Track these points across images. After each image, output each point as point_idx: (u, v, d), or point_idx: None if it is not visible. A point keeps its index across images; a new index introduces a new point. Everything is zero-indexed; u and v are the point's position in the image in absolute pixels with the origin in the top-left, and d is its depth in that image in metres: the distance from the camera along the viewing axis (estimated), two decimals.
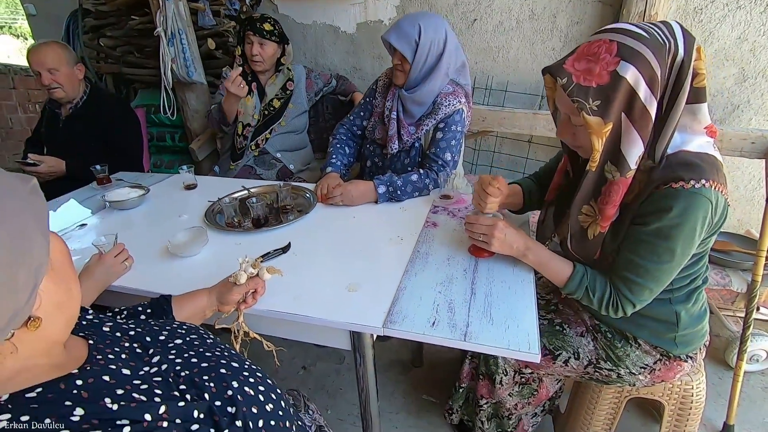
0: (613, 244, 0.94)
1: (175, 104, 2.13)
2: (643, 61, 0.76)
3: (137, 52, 2.35)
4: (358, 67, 2.30)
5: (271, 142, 1.91)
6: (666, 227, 0.83)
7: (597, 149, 0.83)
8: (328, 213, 1.40)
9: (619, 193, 0.87)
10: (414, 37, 1.41)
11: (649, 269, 0.88)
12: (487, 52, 2.04)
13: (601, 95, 0.79)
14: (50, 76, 1.80)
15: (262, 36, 1.78)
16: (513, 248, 1.01)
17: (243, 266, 0.89)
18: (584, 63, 0.80)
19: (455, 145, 1.51)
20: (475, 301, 0.94)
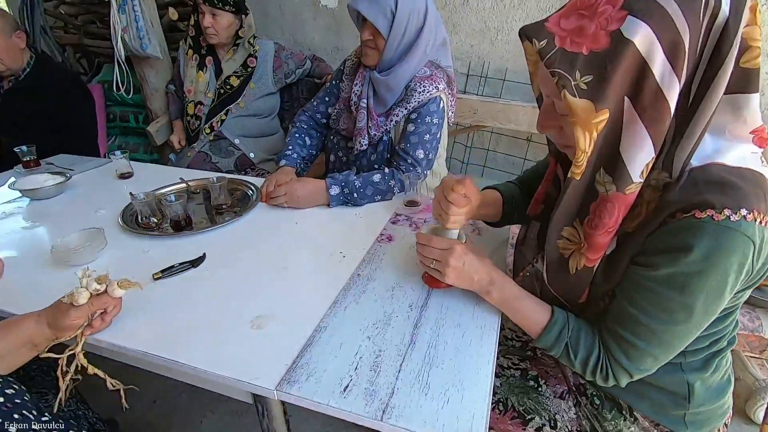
0: (605, 285, 0.68)
1: (130, 81, 1.90)
2: (662, 18, 0.49)
3: (99, 22, 2.12)
4: (341, 46, 2.05)
5: (227, 126, 1.68)
6: (682, 275, 0.57)
7: (583, 148, 0.57)
8: (268, 216, 1.16)
9: (615, 216, 0.60)
10: (390, 7, 1.15)
11: (654, 330, 0.62)
12: (483, 34, 1.76)
13: (595, 67, 0.52)
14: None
15: (213, 5, 1.53)
16: (474, 281, 0.75)
17: (84, 281, 0.67)
18: (574, 19, 0.54)
19: (430, 140, 1.25)
20: (412, 354, 0.69)
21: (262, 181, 1.28)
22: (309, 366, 0.67)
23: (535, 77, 0.68)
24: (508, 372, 0.91)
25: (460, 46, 1.81)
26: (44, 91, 1.71)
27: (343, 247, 0.99)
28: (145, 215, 1.09)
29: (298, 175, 1.36)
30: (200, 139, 1.69)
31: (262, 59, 1.69)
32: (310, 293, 0.83)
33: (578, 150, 0.57)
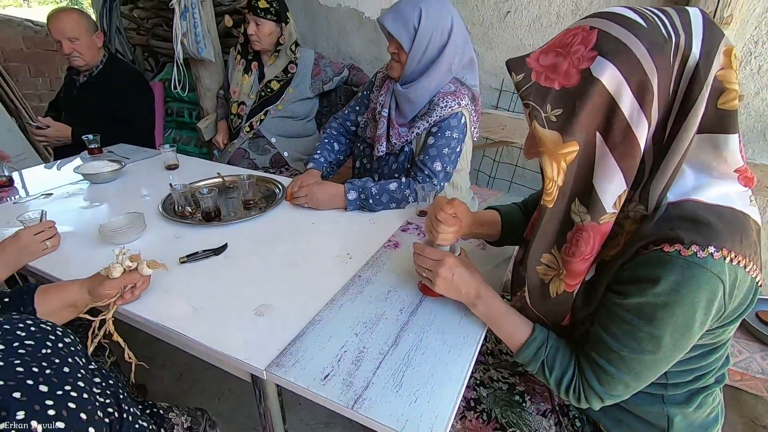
0: (585, 310, 0.70)
1: (187, 80, 2.09)
2: (629, 59, 0.53)
3: (166, 25, 2.34)
4: (380, 57, 2.12)
5: (266, 125, 1.81)
6: (649, 305, 0.59)
7: (550, 177, 0.60)
8: (289, 214, 1.25)
9: (591, 245, 0.63)
10: (413, 23, 1.21)
11: (624, 357, 0.63)
12: (519, 51, 1.77)
13: (564, 102, 0.56)
14: (71, 44, 1.79)
15: (256, 14, 1.68)
16: (461, 293, 0.79)
17: (119, 258, 0.78)
18: (551, 56, 0.58)
19: (448, 153, 1.29)
20: (392, 354, 0.75)
21: (290, 181, 1.38)
22: (297, 353, 0.74)
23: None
24: (496, 384, 0.94)
25: (494, 62, 1.83)
26: (113, 86, 1.92)
27: (351, 249, 1.06)
28: (180, 205, 1.22)
29: (324, 178, 1.44)
30: (240, 136, 1.83)
31: (301, 66, 1.81)
32: (313, 289, 0.91)
33: (546, 178, 0.60)
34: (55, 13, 1.77)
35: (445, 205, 0.83)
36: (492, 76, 1.87)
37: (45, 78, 3.91)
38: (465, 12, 1.82)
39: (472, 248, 1.10)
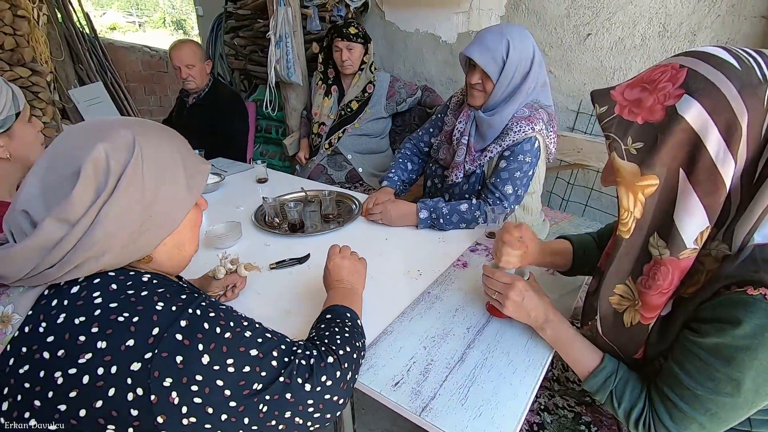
0: (660, 345, 0.70)
1: (277, 101, 2.31)
2: (717, 98, 0.54)
3: (261, 51, 2.61)
4: (455, 78, 2.19)
5: (343, 142, 1.95)
6: (728, 347, 0.58)
7: (626, 207, 0.62)
8: (364, 229, 1.35)
9: (669, 279, 0.63)
10: (501, 54, 1.25)
11: (699, 396, 0.62)
12: (599, 73, 1.73)
13: (646, 136, 0.58)
14: (188, 70, 2.09)
15: (349, 40, 1.84)
16: (530, 317, 0.82)
17: (222, 262, 0.91)
18: (637, 91, 0.60)
19: (520, 177, 1.31)
20: (459, 369, 0.80)
21: (366, 198, 1.48)
22: (371, 360, 0.81)
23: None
24: (561, 412, 0.94)
25: (572, 84, 1.81)
26: (216, 107, 2.18)
27: (421, 266, 1.12)
28: (270, 216, 1.37)
29: (397, 196, 1.53)
30: (320, 153, 1.99)
31: (378, 88, 1.95)
32: (385, 301, 0.98)
33: (621, 208, 0.62)
34: (177, 43, 2.07)
35: (513, 228, 0.86)
36: (569, 98, 1.84)
37: (156, 96, 4.48)
38: (543, 34, 1.83)
39: (542, 273, 1.11)
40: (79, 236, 0.49)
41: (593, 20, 1.69)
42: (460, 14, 2.02)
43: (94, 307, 0.49)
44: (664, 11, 1.53)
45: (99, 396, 0.45)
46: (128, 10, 16.71)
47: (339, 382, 0.61)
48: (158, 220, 0.55)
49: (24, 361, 0.47)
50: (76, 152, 0.51)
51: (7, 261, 0.48)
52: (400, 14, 2.26)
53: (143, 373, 0.46)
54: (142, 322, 0.48)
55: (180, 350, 0.48)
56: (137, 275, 0.54)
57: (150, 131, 0.56)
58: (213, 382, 0.49)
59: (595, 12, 1.68)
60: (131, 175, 0.51)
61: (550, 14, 1.78)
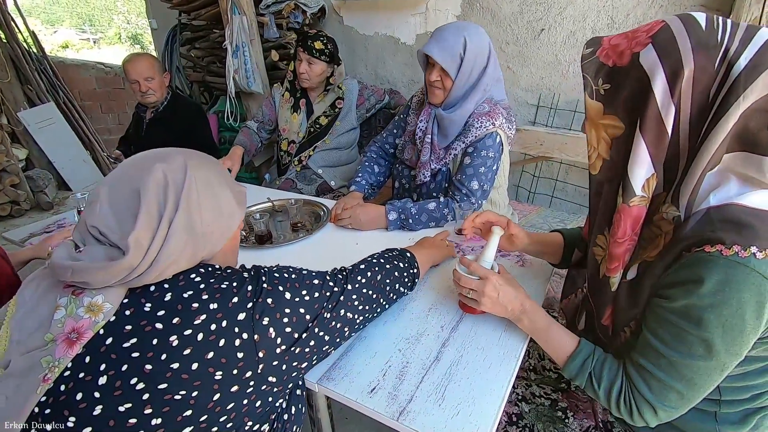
0: (629, 312, 0.71)
1: (239, 111, 2.26)
2: (672, 52, 0.58)
3: (219, 62, 2.55)
4: (416, 79, 2.20)
5: (313, 159, 1.90)
6: (695, 307, 0.60)
7: (591, 143, 0.68)
8: (334, 235, 1.33)
9: (623, 228, 0.67)
10: (459, 52, 1.26)
11: (674, 363, 0.63)
12: (554, 66, 1.78)
13: (613, 78, 0.63)
14: (147, 83, 2.00)
15: (311, 54, 1.74)
16: (507, 310, 0.82)
17: None
18: (620, 38, 0.64)
19: (485, 172, 1.32)
20: (434, 369, 0.79)
21: (334, 204, 1.46)
22: (346, 368, 0.80)
23: None
24: (538, 400, 0.95)
25: (530, 78, 1.85)
26: (177, 120, 2.10)
27: None
28: None
29: (366, 200, 1.52)
30: (289, 170, 1.94)
31: (347, 99, 1.89)
32: None
33: (588, 146, 0.67)
34: (132, 57, 1.98)
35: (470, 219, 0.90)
36: (528, 93, 1.89)
37: (114, 114, 4.33)
38: (498, 31, 1.86)
39: (512, 265, 1.13)
40: (157, 252, 0.56)
41: (545, 16, 1.74)
42: (417, 16, 2.04)
43: (197, 283, 0.59)
44: (611, 4, 1.59)
45: (211, 348, 0.55)
46: (81, 27, 16.13)
47: (371, 279, 0.78)
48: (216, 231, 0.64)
49: (130, 336, 0.54)
50: (138, 173, 0.59)
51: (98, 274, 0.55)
52: (358, 18, 2.26)
53: (248, 319, 0.58)
54: (238, 285, 0.61)
55: (269, 294, 0.62)
56: (213, 265, 0.65)
57: (196, 157, 0.66)
58: (297, 311, 0.63)
59: (546, 8, 1.73)
60: (188, 191, 0.60)
61: (504, 12, 1.81)
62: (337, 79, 1.86)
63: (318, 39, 1.75)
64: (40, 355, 0.55)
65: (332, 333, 0.68)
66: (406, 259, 0.91)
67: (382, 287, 0.81)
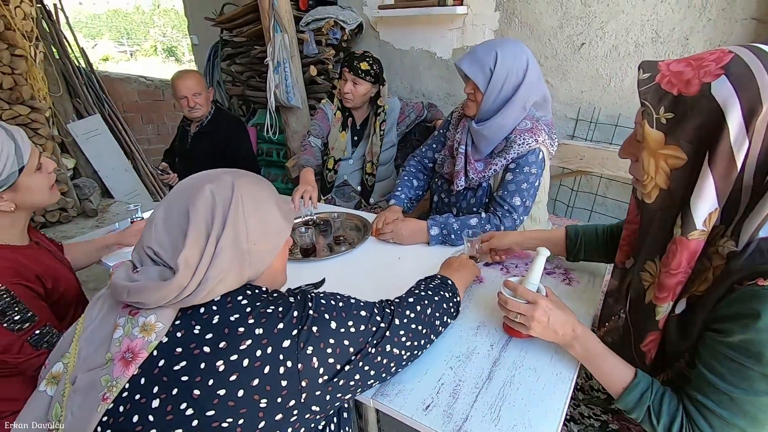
0: (680, 344, 0.70)
1: (278, 124, 2.33)
2: (750, 86, 0.56)
3: (258, 77, 2.64)
4: (452, 93, 2.22)
5: (353, 176, 1.93)
6: (755, 342, 0.59)
7: (648, 172, 0.65)
8: (376, 249, 1.35)
9: (678, 260, 0.65)
10: (489, 65, 1.28)
11: (735, 399, 0.62)
12: (595, 80, 1.77)
13: (678, 108, 0.61)
14: (195, 99, 2.08)
15: (356, 74, 1.73)
16: (558, 335, 0.80)
17: None
18: (682, 65, 0.63)
19: (527, 188, 1.32)
20: (488, 388, 0.79)
21: (374, 217, 1.49)
22: (399, 384, 0.81)
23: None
24: (587, 421, 0.94)
25: (569, 92, 1.84)
26: (220, 133, 2.18)
27: None
28: None
29: (405, 213, 1.53)
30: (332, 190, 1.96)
31: (389, 118, 1.89)
32: None
33: (644, 174, 0.65)
34: (182, 74, 2.06)
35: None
36: (567, 107, 1.87)
37: (153, 125, 4.51)
38: (537, 46, 1.86)
39: (557, 284, 1.12)
40: (205, 270, 0.58)
41: (586, 30, 1.73)
42: (454, 30, 2.06)
43: (243, 306, 0.59)
44: (655, 18, 1.57)
45: (256, 375, 0.55)
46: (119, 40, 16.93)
47: (420, 314, 0.76)
48: (263, 248, 0.64)
49: (180, 359, 0.55)
50: (188, 193, 0.62)
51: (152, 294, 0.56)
52: (394, 33, 2.30)
53: (292, 347, 0.58)
54: (284, 311, 0.60)
55: (314, 322, 0.61)
56: (259, 287, 0.65)
57: (245, 176, 0.67)
58: (342, 342, 0.62)
59: (587, 22, 1.72)
60: (235, 208, 0.61)
61: (543, 27, 1.82)
62: (383, 101, 1.85)
63: (364, 60, 1.75)
64: (101, 373, 0.56)
65: (377, 368, 0.67)
66: (449, 287, 0.89)
67: (431, 321, 0.79)
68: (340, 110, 1.86)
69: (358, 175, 1.96)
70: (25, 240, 0.99)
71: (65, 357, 0.61)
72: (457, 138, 1.45)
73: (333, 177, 1.95)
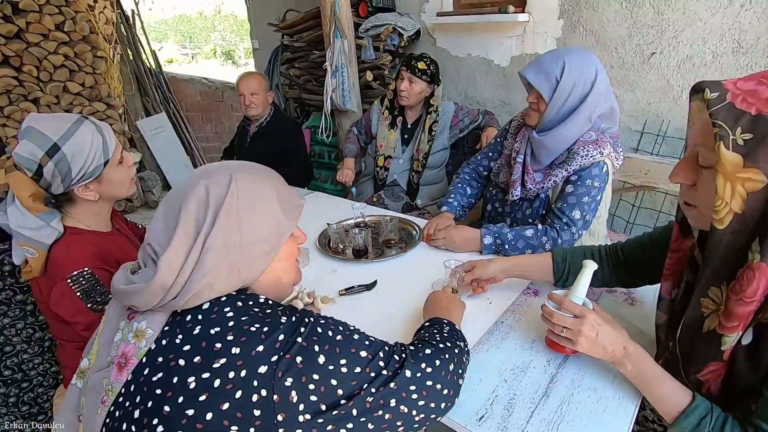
0: (749, 377, 0.65)
1: (332, 127, 2.39)
2: None
3: (315, 81, 2.72)
4: (507, 101, 2.18)
5: (402, 176, 1.95)
6: None
7: (722, 197, 0.59)
8: (427, 254, 1.35)
9: (755, 288, 0.60)
10: (555, 75, 1.25)
11: None
12: (665, 92, 1.68)
13: (757, 127, 0.56)
14: (251, 97, 2.20)
15: (413, 73, 1.81)
16: (607, 352, 0.76)
17: (300, 296, 0.94)
18: (754, 83, 0.59)
19: (589, 202, 1.28)
20: (544, 405, 0.77)
21: (425, 223, 1.49)
22: None
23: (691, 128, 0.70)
24: None
25: (635, 104, 1.76)
26: (277, 134, 2.27)
27: (490, 294, 1.11)
28: (335, 242, 1.40)
29: (456, 221, 1.52)
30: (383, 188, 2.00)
31: (442, 121, 1.92)
32: None
33: (717, 198, 0.60)
34: (246, 74, 2.19)
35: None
36: (632, 118, 1.79)
37: (212, 124, 4.76)
38: (603, 55, 1.80)
39: (619, 303, 1.07)
40: (191, 270, 0.54)
41: (657, 39, 1.65)
42: (514, 38, 2.03)
43: (227, 320, 0.54)
44: (737, 27, 1.47)
45: (227, 398, 0.49)
46: (183, 44, 18.01)
47: (440, 369, 0.65)
48: (259, 248, 0.59)
49: (159, 369, 0.52)
50: (184, 190, 0.58)
51: (139, 296, 0.54)
52: (451, 40, 2.30)
53: (269, 374, 0.50)
54: (270, 331, 0.53)
55: (300, 351, 0.53)
56: (255, 296, 0.60)
57: (247, 170, 0.61)
58: (328, 381, 0.54)
59: (659, 31, 1.64)
60: (228, 205, 0.56)
61: (609, 35, 1.75)
62: (436, 100, 1.90)
63: (422, 59, 1.83)
64: (103, 375, 0.56)
65: (378, 423, 0.57)
66: (460, 335, 0.78)
67: (454, 380, 0.67)
68: (388, 109, 1.94)
69: (406, 175, 1.99)
70: (108, 227, 1.07)
71: (90, 353, 0.62)
72: (516, 147, 1.42)
73: (384, 174, 2.00)
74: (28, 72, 2.63)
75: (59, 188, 0.92)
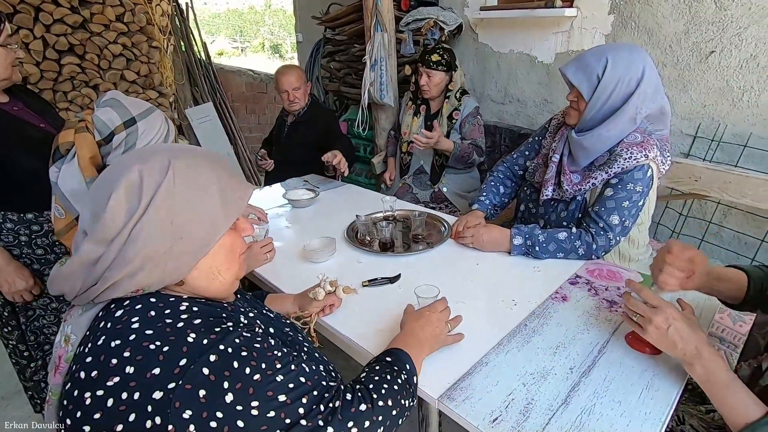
0: None
1: (368, 121, 2.39)
2: None
3: (354, 74, 2.74)
4: (550, 99, 2.10)
5: (427, 162, 1.98)
6: None
7: None
8: (454, 252, 1.33)
9: None
10: (596, 72, 1.19)
11: None
12: (723, 94, 1.55)
13: None
14: (294, 93, 2.23)
15: (429, 67, 1.90)
16: (677, 348, 0.73)
17: (322, 284, 0.95)
18: None
19: (629, 207, 1.21)
20: (563, 413, 0.74)
21: (454, 220, 1.46)
22: (467, 390, 0.79)
23: None
24: None
25: (689, 105, 1.64)
26: (313, 125, 2.30)
27: (515, 296, 1.07)
28: (362, 233, 1.41)
29: (487, 220, 1.49)
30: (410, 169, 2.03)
31: (463, 113, 1.95)
32: (479, 330, 0.95)
33: None
34: (285, 69, 2.20)
35: (680, 250, 0.80)
36: (684, 121, 1.68)
37: (255, 114, 4.91)
38: (656, 53, 1.69)
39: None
40: (115, 254, 0.52)
41: (718, 36, 1.53)
42: (560, 34, 1.95)
43: (130, 332, 0.50)
44: None
45: (120, 420, 0.46)
46: (233, 37, 18.66)
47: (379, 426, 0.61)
48: (189, 242, 0.55)
49: (69, 379, 0.50)
50: (115, 174, 0.54)
51: (63, 278, 0.54)
52: (493, 35, 2.24)
53: (164, 402, 0.46)
54: (171, 352, 0.49)
55: (204, 385, 0.48)
56: (177, 302, 0.55)
57: (188, 156, 0.57)
58: (233, 422, 0.49)
59: (720, 28, 1.52)
60: (163, 195, 0.53)
61: (664, 32, 1.64)
62: (454, 86, 1.96)
63: (435, 52, 1.91)
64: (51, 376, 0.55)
65: None
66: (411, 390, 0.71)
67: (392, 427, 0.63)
68: (412, 100, 2.07)
69: (430, 160, 2.05)
70: None
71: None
72: (554, 146, 1.37)
73: (407, 159, 2.09)
74: (90, 60, 2.80)
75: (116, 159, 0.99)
